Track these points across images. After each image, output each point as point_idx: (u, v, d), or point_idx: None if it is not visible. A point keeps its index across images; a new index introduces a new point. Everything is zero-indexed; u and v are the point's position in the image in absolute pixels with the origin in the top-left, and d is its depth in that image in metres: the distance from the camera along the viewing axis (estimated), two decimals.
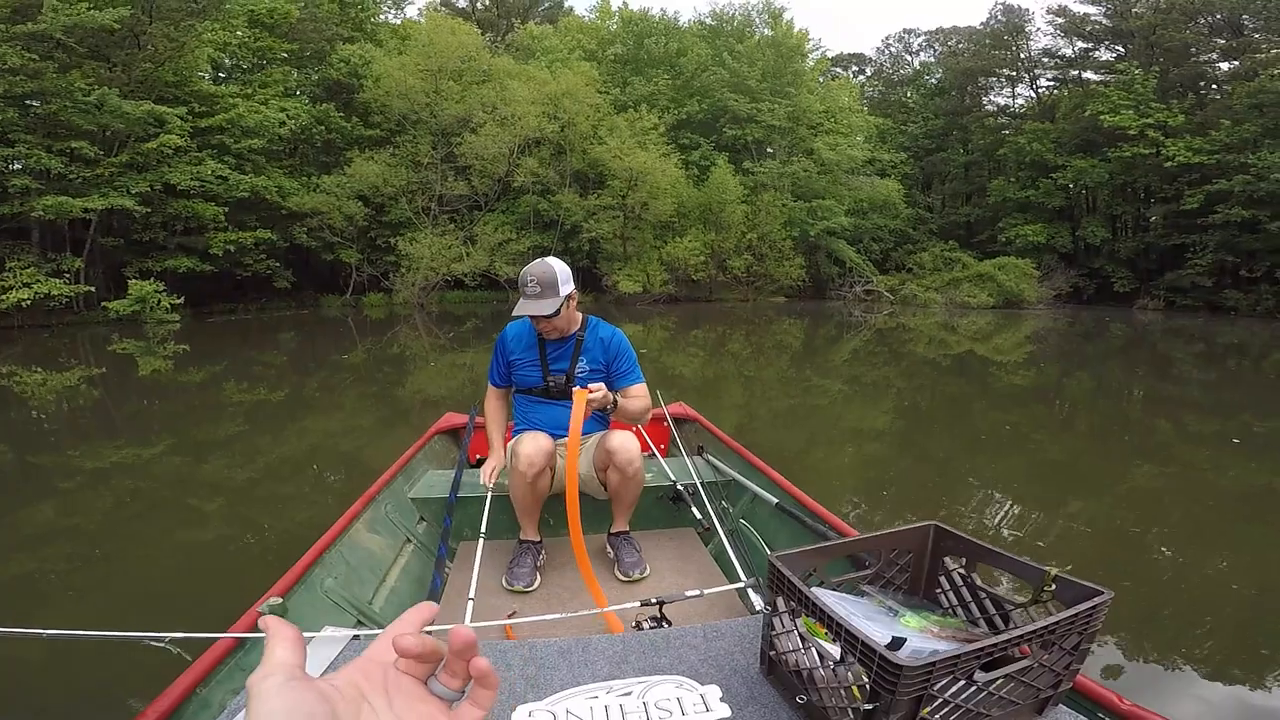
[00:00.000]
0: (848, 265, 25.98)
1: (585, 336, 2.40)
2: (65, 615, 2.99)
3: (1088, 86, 26.58)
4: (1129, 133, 22.52)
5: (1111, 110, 22.88)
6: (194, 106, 17.04)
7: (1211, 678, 2.58)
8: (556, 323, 2.29)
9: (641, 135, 22.72)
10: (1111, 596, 1.07)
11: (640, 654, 1.40)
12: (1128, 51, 25.87)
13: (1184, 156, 21.51)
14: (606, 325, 2.44)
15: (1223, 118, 21.48)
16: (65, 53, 14.58)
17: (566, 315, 2.30)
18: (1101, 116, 22.98)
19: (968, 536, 1.34)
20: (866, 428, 7.22)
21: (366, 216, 20.68)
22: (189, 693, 1.24)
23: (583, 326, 2.41)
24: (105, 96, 14.47)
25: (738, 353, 12.99)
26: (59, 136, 14.63)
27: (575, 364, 2.38)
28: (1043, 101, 30.30)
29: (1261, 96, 20.24)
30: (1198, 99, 24.14)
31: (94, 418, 7.28)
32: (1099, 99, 23.67)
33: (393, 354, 12.33)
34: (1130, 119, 22.43)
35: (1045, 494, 4.90)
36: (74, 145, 14.56)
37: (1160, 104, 22.79)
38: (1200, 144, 21.49)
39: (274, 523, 4.21)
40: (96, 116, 14.68)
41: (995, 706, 1.06)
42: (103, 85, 14.77)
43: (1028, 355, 13.29)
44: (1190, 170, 21.84)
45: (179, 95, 16.96)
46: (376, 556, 2.20)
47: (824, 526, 2.06)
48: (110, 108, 14.58)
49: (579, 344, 2.39)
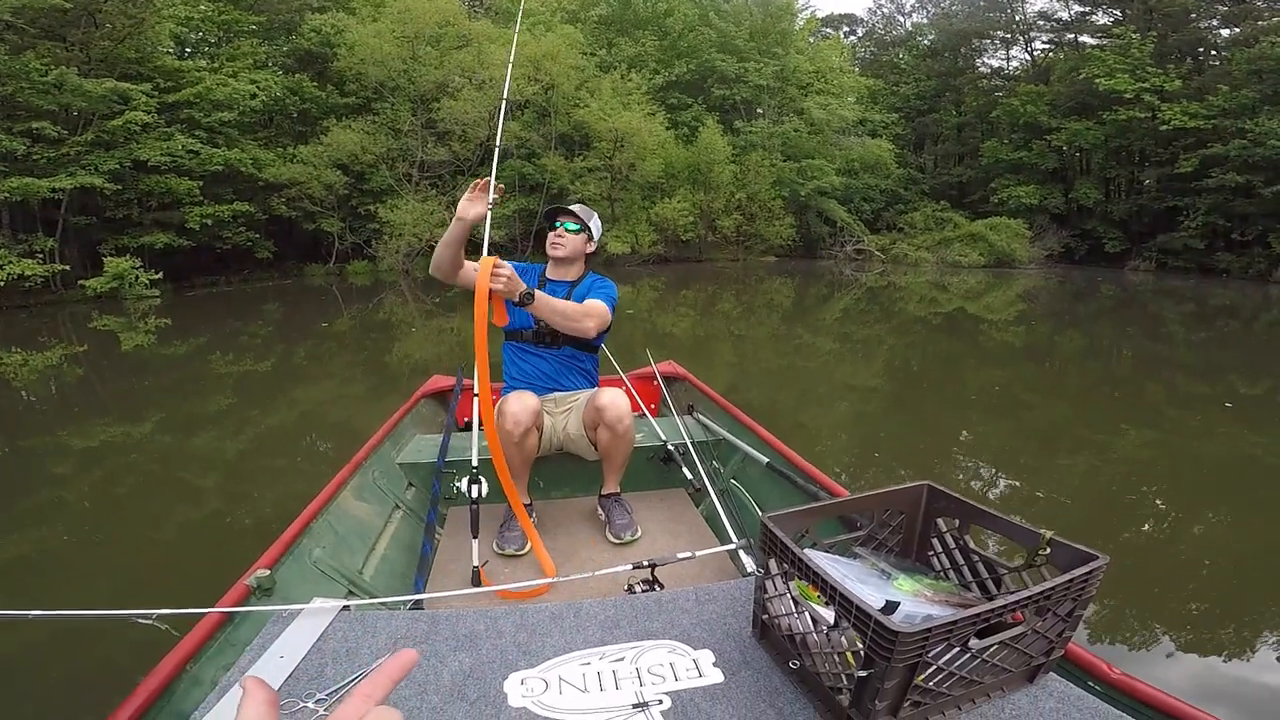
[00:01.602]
0: (838, 225, 25.82)
1: (582, 284, 2.38)
2: (57, 595, 2.97)
3: (1083, 50, 26.17)
4: (1125, 96, 22.27)
5: (1107, 74, 22.59)
6: (159, 82, 16.69)
7: (1196, 644, 2.60)
8: (573, 240, 2.30)
9: (625, 96, 22.31)
10: (1107, 561, 1.06)
11: (633, 618, 1.39)
12: (1126, 16, 25.39)
13: (1180, 121, 21.33)
14: (600, 277, 2.43)
15: (1221, 83, 21.23)
16: (16, 34, 14.28)
17: (582, 245, 2.33)
18: (1097, 80, 22.68)
19: (961, 497, 1.32)
20: (857, 385, 7.25)
21: (347, 185, 20.37)
22: (179, 670, 1.22)
23: (581, 278, 2.40)
24: (64, 76, 14.19)
25: (728, 312, 12.96)
26: (18, 118, 14.38)
27: None
28: (1037, 64, 29.83)
29: (1261, 63, 19.98)
30: (1196, 64, 23.85)
31: (79, 396, 7.18)
32: (1095, 62, 23.31)
33: (379, 320, 12.22)
34: (1126, 83, 22.17)
35: (1033, 455, 4.93)
36: (35, 126, 14.29)
37: (1157, 69, 22.51)
38: (1197, 109, 21.30)
39: (265, 494, 4.19)
40: (57, 96, 14.45)
41: (989, 674, 1.05)
42: (60, 65, 14.47)
43: (1019, 314, 13.33)
44: (1186, 134, 21.66)
45: (142, 72, 16.61)
46: (365, 524, 2.17)
47: (815, 487, 2.04)
48: (70, 87, 14.32)
49: (571, 290, 2.36)
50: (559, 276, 2.38)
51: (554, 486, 2.68)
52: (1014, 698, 1.09)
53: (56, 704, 2.24)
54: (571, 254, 2.33)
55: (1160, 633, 2.66)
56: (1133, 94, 22.13)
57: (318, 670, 1.22)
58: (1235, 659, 2.51)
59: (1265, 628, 2.73)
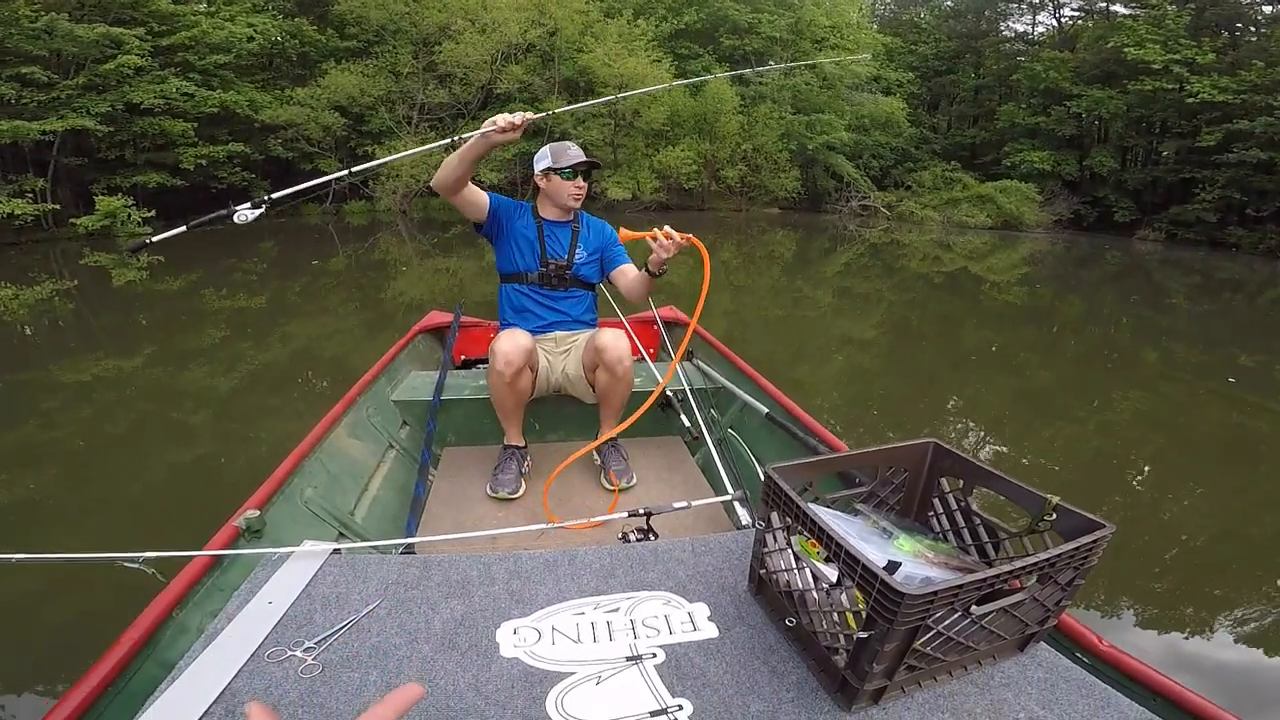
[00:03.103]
0: (845, 180, 25.37)
1: (580, 226, 2.35)
2: (45, 536, 2.96)
3: (1114, 19, 25.36)
4: (1153, 67, 21.72)
5: (1137, 44, 22.00)
6: (153, 26, 16.43)
7: (1185, 617, 2.62)
8: (585, 188, 2.27)
9: (630, 43, 21.67)
10: (1113, 531, 1.02)
11: (627, 567, 1.38)
12: None
13: (1208, 94, 20.80)
14: (592, 217, 2.41)
15: (1256, 59, 20.69)
16: None
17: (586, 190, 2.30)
18: (1126, 50, 22.08)
19: (968, 457, 1.28)
20: (855, 340, 7.21)
21: (345, 127, 20.15)
22: (164, 616, 1.19)
23: (575, 218, 2.36)
24: (54, 22, 14.03)
25: (728, 261, 12.84)
26: (8, 63, 14.22)
27: (574, 251, 2.31)
28: (1064, 31, 28.92)
29: None
30: (1232, 39, 23.16)
31: (70, 331, 7.12)
32: (1126, 32, 22.69)
33: (375, 259, 12.11)
34: (1156, 54, 21.59)
35: (1027, 418, 4.93)
36: (25, 71, 14.16)
37: (1191, 41, 21.89)
38: (1228, 83, 20.76)
39: (257, 431, 4.18)
40: (48, 42, 14.29)
41: (983, 640, 1.03)
42: (50, 11, 14.26)
43: (1022, 276, 13.22)
44: (1212, 108, 21.15)
45: (136, 16, 16.29)
46: (358, 464, 2.13)
47: (814, 440, 2.01)
48: (61, 33, 14.17)
49: (575, 232, 2.33)
50: (556, 218, 2.33)
51: (549, 429, 2.64)
52: (1004, 665, 1.09)
53: (39, 651, 2.22)
54: (581, 201, 2.33)
55: (1149, 603, 2.68)
56: (1161, 65, 21.59)
57: (306, 617, 1.20)
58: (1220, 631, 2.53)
59: (1247, 602, 2.76)
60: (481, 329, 3.28)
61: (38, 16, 14.01)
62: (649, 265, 2.09)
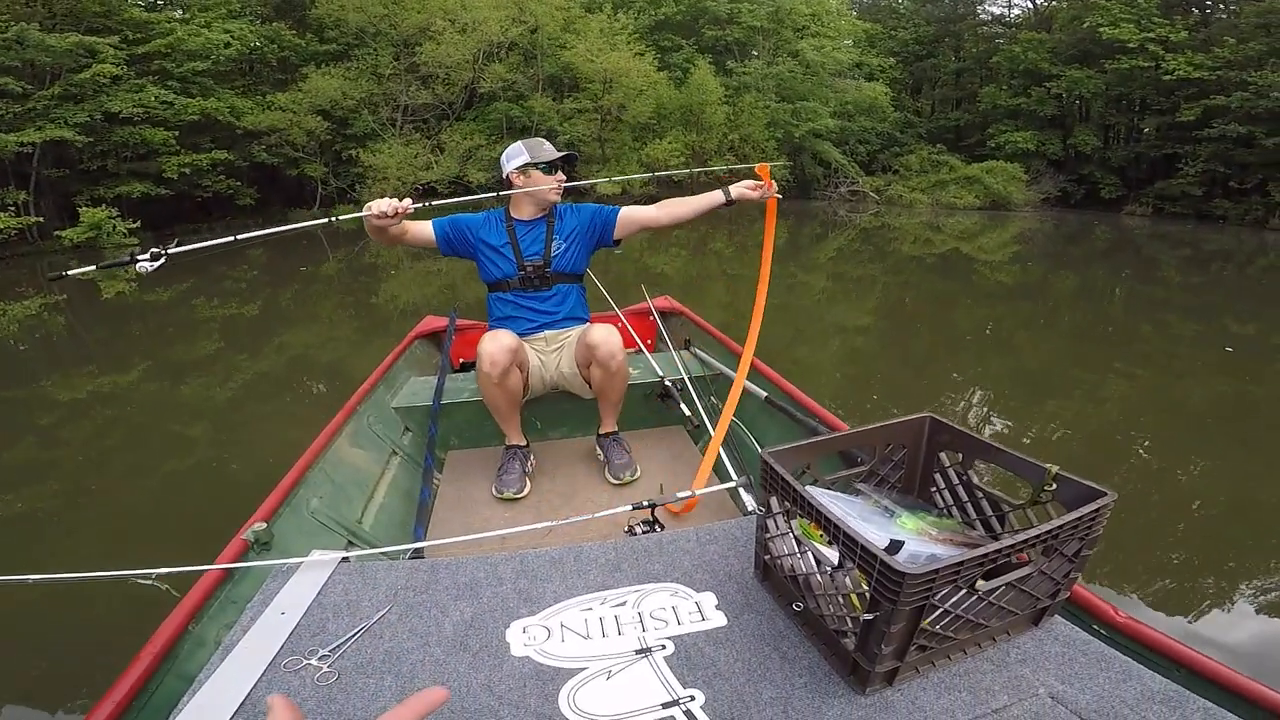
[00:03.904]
0: (833, 166, 25.37)
1: (554, 219, 2.30)
2: (48, 554, 2.94)
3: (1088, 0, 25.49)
4: (1128, 45, 21.87)
5: (1112, 23, 22.16)
6: (127, 35, 16.31)
7: (1197, 588, 2.62)
8: (564, 180, 2.24)
9: (611, 37, 21.61)
10: (1115, 498, 1.02)
11: (633, 560, 1.38)
12: None
13: (1184, 71, 20.99)
14: (573, 204, 2.36)
15: (1228, 35, 20.87)
16: None
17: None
18: (1101, 29, 22.23)
19: (964, 429, 1.28)
20: (851, 324, 7.22)
21: (329, 130, 20.01)
22: (182, 630, 1.20)
23: (551, 211, 2.31)
24: (24, 32, 13.86)
25: (720, 251, 12.85)
26: None
27: (550, 247, 2.27)
28: (1040, 12, 29.07)
29: (1270, 17, 19.62)
30: (1203, 16, 23.32)
31: (63, 345, 7.08)
32: (1099, 11, 22.81)
33: (366, 264, 12.07)
34: (1131, 32, 21.77)
35: (1026, 394, 4.95)
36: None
37: (1164, 19, 22.10)
38: (1202, 59, 20.95)
39: (258, 442, 4.16)
40: (19, 52, 14.13)
41: (995, 616, 1.03)
42: (20, 21, 14.09)
43: (1013, 255, 13.27)
44: (1189, 84, 21.36)
45: (110, 25, 16.19)
46: (362, 472, 2.13)
47: (814, 421, 2.01)
48: (33, 43, 14.01)
49: (550, 227, 2.28)
50: (529, 216, 2.28)
51: (551, 427, 2.64)
52: (1019, 641, 1.08)
53: (56, 667, 2.22)
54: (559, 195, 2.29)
55: (1156, 572, 2.69)
56: (1137, 43, 21.76)
57: (319, 625, 1.21)
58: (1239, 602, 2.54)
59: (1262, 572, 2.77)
60: (478, 331, 3.26)
61: (7, 26, 13.86)
62: (729, 192, 2.19)
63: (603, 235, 2.32)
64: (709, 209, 2.26)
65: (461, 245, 2.27)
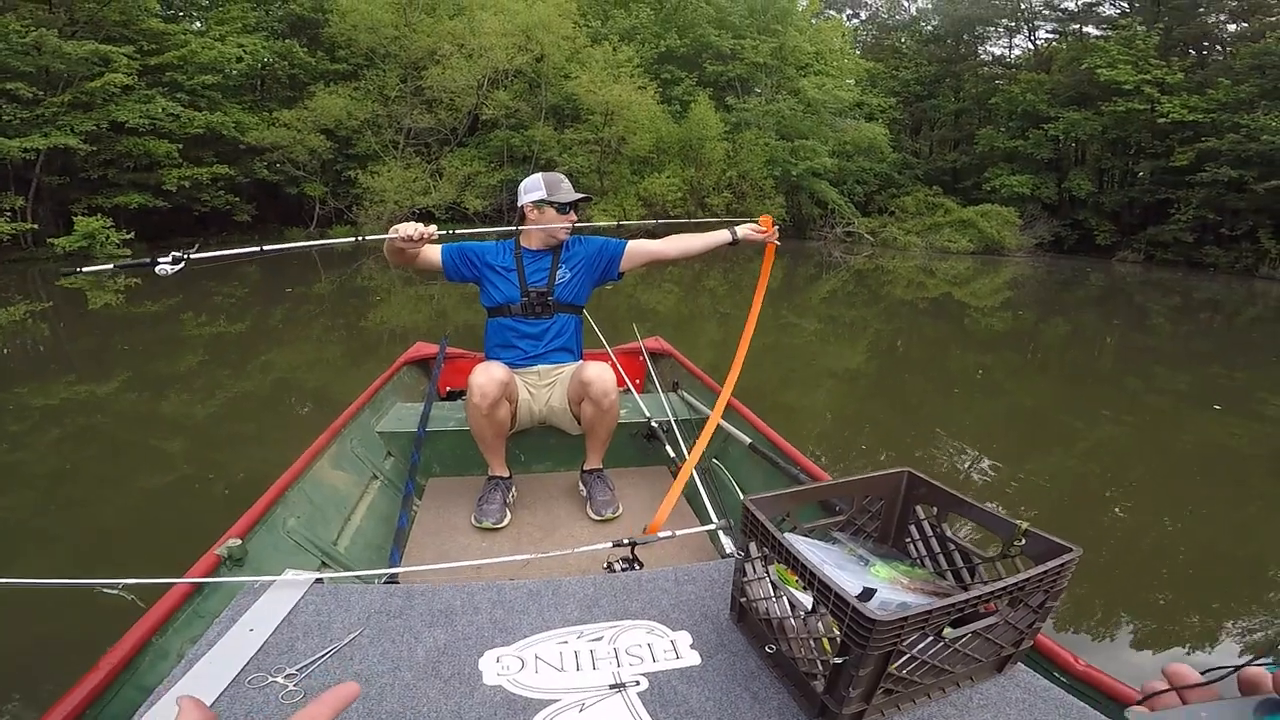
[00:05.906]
0: (830, 207, 25.65)
1: (562, 250, 2.36)
2: (21, 563, 2.90)
3: (1087, 40, 26.12)
4: (1124, 88, 22.27)
5: (1109, 65, 22.58)
6: (143, 45, 16.42)
7: (1160, 635, 2.65)
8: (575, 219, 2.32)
9: (615, 69, 21.99)
10: (1080, 554, 1.05)
11: (611, 596, 1.38)
12: (1133, 8, 25.33)
13: (1178, 114, 21.31)
14: (584, 236, 2.43)
15: (1222, 77, 21.24)
16: None
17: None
18: (1098, 70, 22.65)
19: (940, 485, 1.31)
20: (841, 369, 7.27)
21: (331, 150, 20.19)
22: (144, 642, 1.20)
23: (560, 244, 2.38)
24: (43, 38, 13.96)
25: (714, 289, 12.92)
26: None
27: (555, 275, 2.32)
28: (1040, 53, 29.68)
29: (1265, 58, 19.99)
30: (1199, 58, 23.79)
31: (45, 353, 7.03)
32: (1098, 53, 23.29)
33: (359, 286, 12.10)
34: (1128, 74, 22.14)
35: (1013, 444, 4.98)
36: (10, 87, 14.05)
37: (1160, 61, 22.51)
38: (1197, 102, 21.28)
39: (237, 460, 4.13)
40: (36, 58, 14.24)
41: (960, 663, 1.05)
42: (40, 27, 14.21)
43: (1005, 301, 13.42)
44: (1183, 127, 21.66)
45: (127, 34, 16.30)
46: (341, 494, 2.13)
47: (796, 469, 2.04)
48: (50, 49, 14.11)
49: (556, 255, 2.34)
50: (540, 247, 2.35)
51: (535, 460, 2.66)
52: (983, 687, 1.10)
53: (12, 676, 2.19)
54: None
55: (1123, 622, 2.71)
56: (1133, 85, 22.08)
57: (288, 644, 1.20)
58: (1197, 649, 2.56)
59: (1227, 617, 2.80)
60: (467, 360, 3.29)
61: (27, 32, 13.90)
62: (735, 232, 2.36)
63: (608, 268, 2.37)
64: (715, 247, 2.36)
65: (468, 269, 2.32)
